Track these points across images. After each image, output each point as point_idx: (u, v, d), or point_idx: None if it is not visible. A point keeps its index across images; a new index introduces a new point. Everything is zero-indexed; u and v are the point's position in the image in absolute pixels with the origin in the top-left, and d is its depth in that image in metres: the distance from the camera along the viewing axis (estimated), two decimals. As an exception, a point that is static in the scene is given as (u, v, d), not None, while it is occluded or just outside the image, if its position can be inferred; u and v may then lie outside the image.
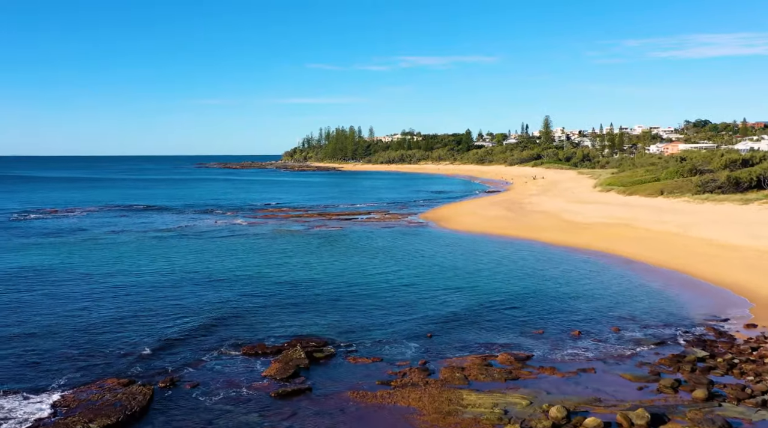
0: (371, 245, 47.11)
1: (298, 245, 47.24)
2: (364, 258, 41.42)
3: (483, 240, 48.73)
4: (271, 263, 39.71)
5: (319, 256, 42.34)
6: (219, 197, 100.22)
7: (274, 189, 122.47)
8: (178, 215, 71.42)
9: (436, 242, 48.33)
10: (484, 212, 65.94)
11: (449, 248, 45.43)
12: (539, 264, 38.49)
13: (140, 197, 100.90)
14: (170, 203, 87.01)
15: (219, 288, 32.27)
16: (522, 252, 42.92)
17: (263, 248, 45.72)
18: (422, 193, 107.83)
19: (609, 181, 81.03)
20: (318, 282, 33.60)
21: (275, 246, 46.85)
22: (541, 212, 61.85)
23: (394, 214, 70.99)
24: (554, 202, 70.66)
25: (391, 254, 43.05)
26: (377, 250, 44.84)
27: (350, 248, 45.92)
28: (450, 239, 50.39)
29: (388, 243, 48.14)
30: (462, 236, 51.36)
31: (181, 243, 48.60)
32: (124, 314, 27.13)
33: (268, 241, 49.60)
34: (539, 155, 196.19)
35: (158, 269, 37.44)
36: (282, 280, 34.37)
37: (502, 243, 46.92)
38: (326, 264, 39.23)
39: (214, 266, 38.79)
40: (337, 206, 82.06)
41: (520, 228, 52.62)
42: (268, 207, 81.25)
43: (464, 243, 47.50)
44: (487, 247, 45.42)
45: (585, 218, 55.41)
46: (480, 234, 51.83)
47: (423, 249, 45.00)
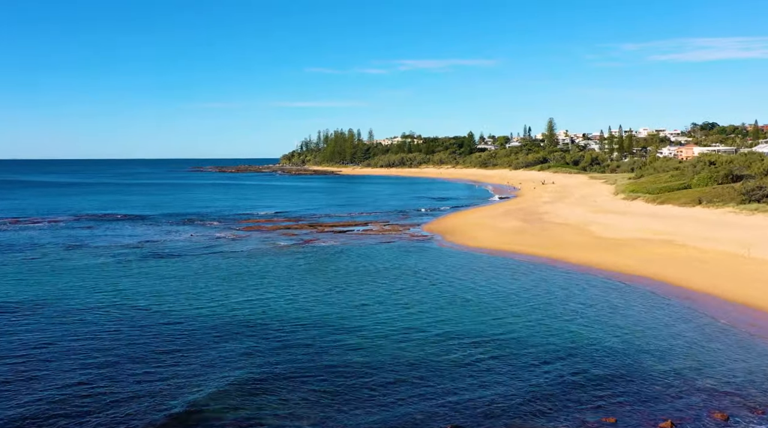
0: (368, 269, 39.38)
1: (279, 270, 39.49)
2: (360, 292, 33.68)
3: (503, 261, 41.01)
4: (236, 300, 31.87)
5: (301, 286, 34.57)
6: (205, 204, 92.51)
7: (266, 195, 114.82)
8: (153, 226, 63.68)
9: (446, 264, 40.60)
10: (497, 223, 58.25)
11: (462, 272, 37.69)
12: (581, 298, 30.76)
13: (121, 204, 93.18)
14: (150, 212, 79.30)
15: (147, 345, 24.48)
16: (555, 279, 35.19)
17: (235, 275, 37.94)
18: (424, 199, 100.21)
19: (632, 187, 73.43)
20: (294, 339, 25.59)
21: (250, 271, 39.08)
22: (564, 225, 54.14)
23: (395, 225, 63.29)
24: (575, 211, 62.96)
25: (393, 284, 35.26)
26: (375, 277, 37.09)
27: (342, 274, 38.17)
28: (461, 259, 42.68)
29: (388, 266, 40.41)
30: (476, 256, 43.64)
31: (138, 266, 40.84)
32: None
33: (245, 263, 41.83)
34: (545, 159, 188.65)
35: (88, 304, 29.71)
36: (243, 329, 26.57)
37: (527, 266, 39.18)
38: (309, 302, 31.44)
39: (162, 302, 31.03)
40: (332, 216, 74.36)
41: (545, 245, 44.90)
42: (256, 217, 73.52)
43: (480, 265, 39.77)
44: (510, 271, 37.67)
45: (617, 232, 47.69)
46: (497, 253, 44.12)
47: (431, 275, 37.25)
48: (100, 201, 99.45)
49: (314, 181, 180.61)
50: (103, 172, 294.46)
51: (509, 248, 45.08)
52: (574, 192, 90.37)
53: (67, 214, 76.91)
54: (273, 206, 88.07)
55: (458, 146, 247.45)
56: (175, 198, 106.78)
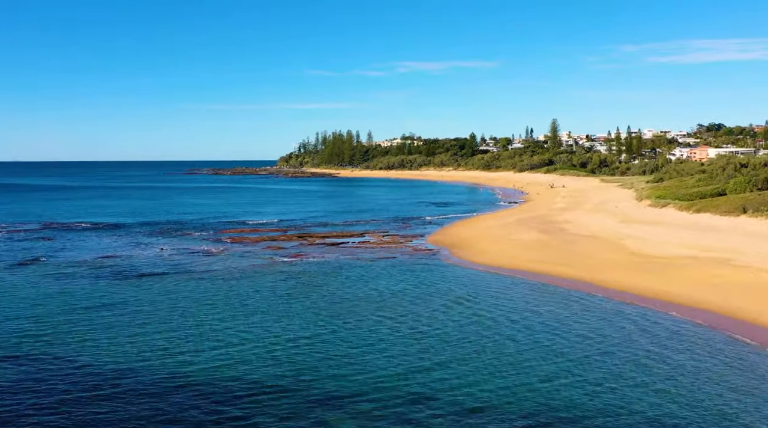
0: (364, 298, 32.16)
1: (253, 300, 32.26)
2: (353, 336, 26.45)
3: (527, 286, 33.82)
4: (190, 350, 24.66)
5: (279, 322, 27.40)
6: (189, 210, 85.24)
7: (258, 200, 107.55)
8: (122, 238, 56.41)
9: (459, 289, 33.40)
10: (511, 234, 51.06)
11: (482, 302, 30.49)
12: (651, 349, 23.54)
13: (98, 210, 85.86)
14: (126, 220, 72.06)
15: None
16: (600, 313, 27.98)
17: (196, 308, 30.69)
18: (426, 205, 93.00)
19: (658, 193, 66.29)
20: (266, 415, 18.52)
21: (217, 302, 31.84)
22: (591, 237, 46.94)
23: (395, 236, 56.06)
24: (599, 221, 55.80)
25: (397, 323, 28.04)
26: (373, 309, 29.86)
27: (332, 305, 30.93)
28: (477, 281, 35.47)
29: (387, 293, 33.19)
30: (493, 277, 36.43)
31: (79, 292, 33.61)
32: None
33: (213, 290, 34.58)
34: (551, 161, 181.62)
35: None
36: (194, 401, 19.40)
37: (559, 293, 31.99)
38: (288, 348, 24.26)
39: (83, 349, 23.83)
40: (326, 224, 67.13)
41: (574, 264, 37.72)
42: (242, 225, 66.29)
43: (502, 291, 32.56)
44: (541, 301, 30.42)
45: (658, 248, 40.52)
46: (518, 273, 36.94)
47: (443, 307, 30.04)
48: (77, 207, 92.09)
49: (311, 184, 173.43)
50: (95, 174, 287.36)
51: (531, 268, 37.89)
52: (590, 197, 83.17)
53: (34, 222, 69.67)
54: (262, 213, 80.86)
55: (459, 148, 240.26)
56: (158, 203, 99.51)
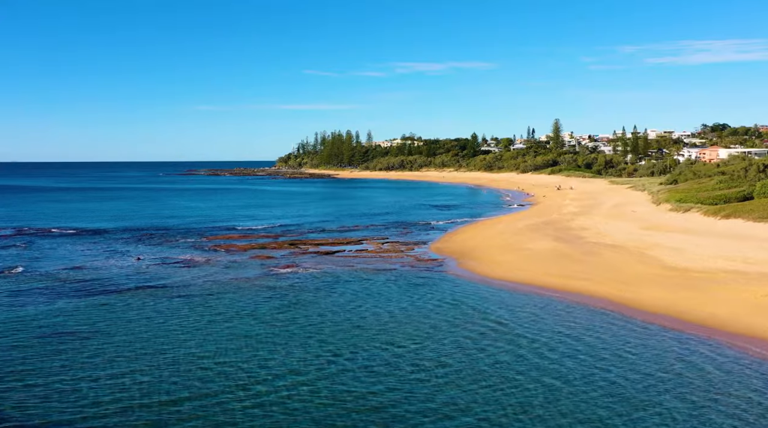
0: (360, 322, 27.54)
1: (233, 322, 27.63)
2: (350, 372, 21.80)
3: (551, 306, 29.17)
4: (143, 391, 20.04)
5: (257, 357, 22.75)
6: (178, 214, 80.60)
7: (253, 202, 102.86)
8: (98, 245, 51.74)
9: (472, 311, 28.77)
10: (524, 242, 46.42)
11: (501, 328, 25.84)
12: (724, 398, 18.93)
13: (80, 214, 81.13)
14: (108, 224, 67.42)
15: None
16: (642, 342, 23.35)
17: (166, 334, 26.08)
18: (428, 207, 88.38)
19: (679, 196, 61.62)
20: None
21: (191, 324, 27.21)
22: (615, 247, 42.27)
23: (395, 244, 51.43)
24: (619, 227, 51.16)
25: (400, 356, 23.41)
26: (369, 338, 25.23)
27: (322, 331, 26.30)
28: (491, 300, 30.83)
29: (388, 316, 28.56)
30: (509, 295, 31.79)
31: (33, 312, 29.00)
32: None
33: (189, 308, 29.97)
34: (555, 161, 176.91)
35: None
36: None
37: (589, 315, 27.35)
38: (269, 395, 19.61)
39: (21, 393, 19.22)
40: (321, 230, 62.49)
41: (600, 279, 33.10)
42: (231, 231, 61.67)
43: (521, 313, 27.92)
44: (570, 326, 25.76)
45: (693, 260, 35.90)
46: (537, 290, 32.33)
47: (455, 334, 25.41)
48: (59, 210, 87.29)
49: (308, 185, 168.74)
50: (90, 175, 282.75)
51: (552, 283, 33.27)
52: (602, 200, 78.53)
53: (7, 227, 64.96)
54: (255, 217, 76.27)
55: (461, 148, 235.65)
56: (147, 206, 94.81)
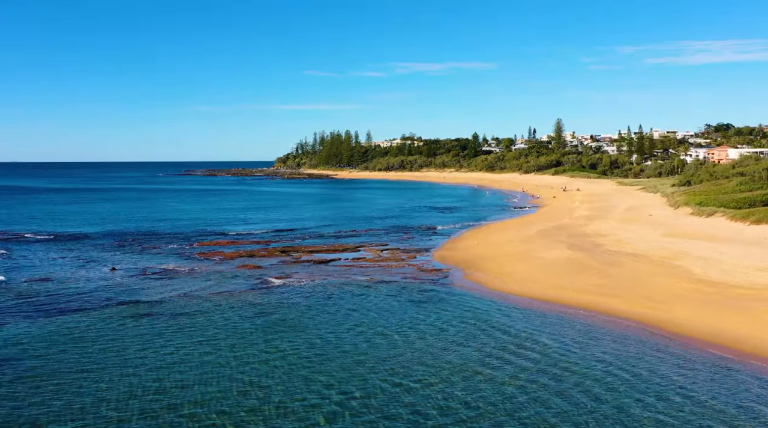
0: (358, 353, 23.57)
1: (206, 350, 23.67)
2: (346, 422, 17.83)
3: (578, 330, 25.20)
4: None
5: (231, 399, 18.78)
6: (167, 216, 76.64)
7: (247, 204, 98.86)
8: (73, 252, 47.75)
9: (484, 335, 24.82)
10: (535, 250, 42.46)
11: (530, 358, 21.88)
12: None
13: (63, 217, 77.07)
14: (91, 228, 63.44)
15: None
16: (689, 377, 19.38)
17: (124, 364, 22.12)
18: (429, 210, 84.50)
19: (699, 199, 57.69)
20: None
21: (157, 353, 23.25)
22: (637, 256, 38.29)
23: (395, 251, 47.51)
24: (638, 233, 47.20)
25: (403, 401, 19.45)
26: (367, 372, 21.24)
27: (309, 363, 22.32)
28: (506, 320, 26.85)
29: (391, 344, 24.57)
30: (525, 314, 27.81)
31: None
32: None
33: (158, 332, 26.01)
34: (558, 162, 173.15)
35: None
36: None
37: (619, 339, 23.38)
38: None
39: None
40: (316, 234, 58.54)
41: (627, 295, 29.16)
42: (220, 236, 57.73)
43: (542, 337, 23.95)
44: (608, 358, 21.74)
45: (729, 273, 31.94)
46: (557, 307, 28.39)
47: (474, 371, 21.43)
48: (42, 212, 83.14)
49: (306, 186, 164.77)
50: (87, 176, 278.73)
51: (573, 299, 29.33)
52: (613, 203, 74.56)
53: (-17, 231, 61.02)
54: (248, 220, 72.34)
55: (461, 149, 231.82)
56: (137, 208, 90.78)
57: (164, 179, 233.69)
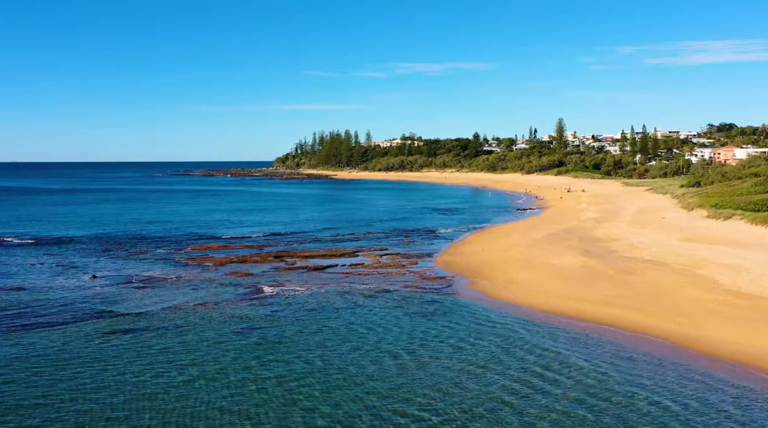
0: (358, 376, 20.98)
1: (183, 377, 21.10)
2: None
3: (591, 345, 22.61)
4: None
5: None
6: (159, 219, 74.05)
7: (243, 205, 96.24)
8: (54, 257, 45.15)
9: (496, 357, 22.25)
10: (545, 256, 39.87)
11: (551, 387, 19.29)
12: None
13: (50, 219, 74.42)
14: (78, 231, 60.81)
15: None
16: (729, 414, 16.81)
17: (82, 395, 19.54)
18: (430, 211, 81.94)
19: (714, 201, 55.11)
20: None
21: (126, 379, 20.67)
22: (654, 263, 35.71)
23: (396, 256, 44.96)
24: (653, 238, 44.63)
25: None
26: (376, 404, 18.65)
27: (304, 392, 19.72)
28: (520, 340, 24.28)
29: (395, 367, 21.99)
30: (540, 332, 25.22)
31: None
32: None
33: (134, 351, 23.45)
34: (561, 162, 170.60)
35: None
36: None
37: (645, 363, 20.79)
38: None
39: None
40: (313, 238, 55.95)
41: (649, 308, 26.59)
42: (212, 240, 55.15)
43: (568, 366, 21.36)
44: (653, 390, 19.13)
45: (757, 283, 29.39)
46: (573, 322, 25.82)
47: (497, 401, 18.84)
48: (29, 214, 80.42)
49: (305, 187, 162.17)
50: (84, 176, 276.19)
51: (591, 313, 26.76)
52: (621, 204, 71.97)
53: (-35, 235, 58.40)
54: (242, 222, 69.75)
55: (462, 148, 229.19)
56: (129, 210, 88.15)
57: (161, 179, 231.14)
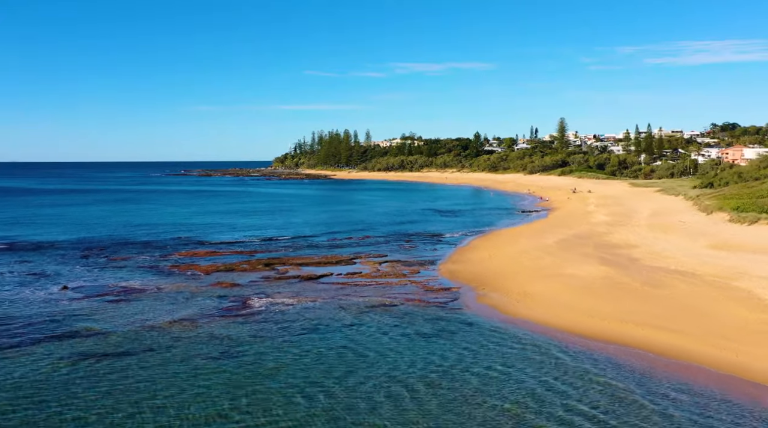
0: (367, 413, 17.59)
1: (152, 421, 17.71)
2: None
3: (630, 377, 19.23)
4: None
5: None
6: (150, 221, 70.64)
7: (237, 207, 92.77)
8: (26, 264, 41.68)
9: (551, 400, 18.85)
10: (559, 264, 36.45)
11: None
12: None
13: (35, 221, 70.92)
14: (58, 235, 57.34)
15: None
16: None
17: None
18: (432, 213, 78.60)
19: (735, 204, 51.73)
20: None
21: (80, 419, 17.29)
22: (680, 273, 32.31)
23: (396, 263, 41.60)
24: (674, 243, 41.24)
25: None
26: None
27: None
28: (549, 372, 20.89)
29: (414, 411, 18.60)
30: (573, 361, 21.82)
31: None
32: None
33: (94, 379, 20.08)
34: (564, 162, 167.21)
35: None
36: None
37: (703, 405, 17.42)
38: None
39: None
40: (309, 244, 52.54)
41: (687, 328, 23.23)
42: (200, 246, 51.72)
43: (630, 404, 17.99)
44: None
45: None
46: (605, 347, 22.43)
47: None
48: (11, 217, 76.80)
49: (303, 187, 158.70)
50: (79, 176, 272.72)
51: (617, 333, 23.39)
52: (633, 207, 68.57)
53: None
54: (235, 225, 66.35)
55: (463, 148, 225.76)
56: (118, 212, 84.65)
57: (158, 179, 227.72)
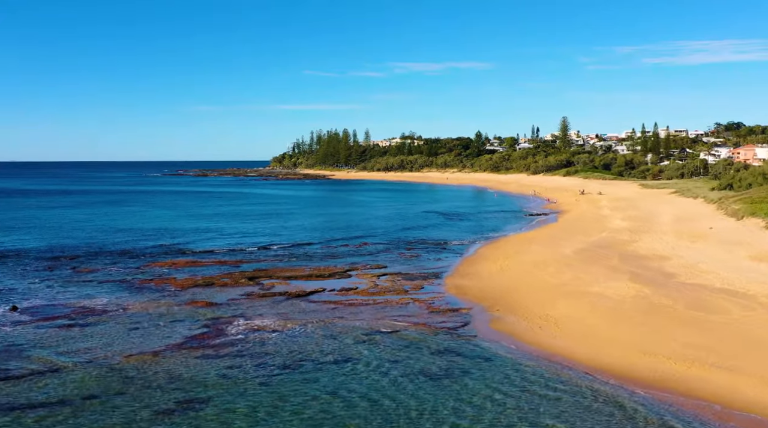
0: None
1: None
2: None
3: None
4: None
5: None
6: (131, 225, 66.01)
7: (228, 210, 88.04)
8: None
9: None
10: (582, 280, 31.87)
11: None
12: None
13: (4, 226, 66.36)
14: (27, 243, 52.61)
15: None
16: None
17: None
18: (434, 216, 74.11)
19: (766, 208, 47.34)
20: None
21: None
22: (726, 292, 27.77)
23: (396, 276, 37.05)
24: (710, 254, 36.69)
25: None
26: None
27: None
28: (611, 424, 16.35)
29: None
30: (629, 411, 17.26)
31: None
32: None
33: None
34: (569, 162, 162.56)
35: None
36: None
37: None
38: None
39: None
40: (301, 254, 47.95)
41: (755, 371, 18.70)
42: (180, 255, 47.11)
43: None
44: None
45: None
46: (663, 396, 17.88)
47: None
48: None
49: (300, 188, 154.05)
50: (72, 176, 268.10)
51: (669, 376, 18.86)
52: (650, 210, 63.94)
53: None
54: (222, 231, 61.71)
55: (464, 148, 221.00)
56: (101, 215, 79.84)
57: (153, 179, 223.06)
